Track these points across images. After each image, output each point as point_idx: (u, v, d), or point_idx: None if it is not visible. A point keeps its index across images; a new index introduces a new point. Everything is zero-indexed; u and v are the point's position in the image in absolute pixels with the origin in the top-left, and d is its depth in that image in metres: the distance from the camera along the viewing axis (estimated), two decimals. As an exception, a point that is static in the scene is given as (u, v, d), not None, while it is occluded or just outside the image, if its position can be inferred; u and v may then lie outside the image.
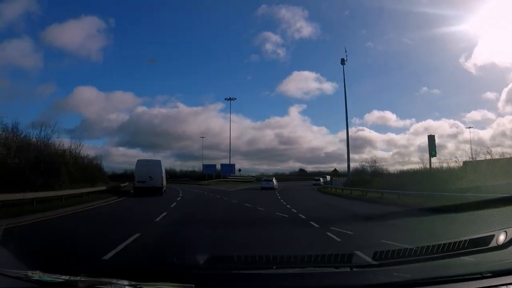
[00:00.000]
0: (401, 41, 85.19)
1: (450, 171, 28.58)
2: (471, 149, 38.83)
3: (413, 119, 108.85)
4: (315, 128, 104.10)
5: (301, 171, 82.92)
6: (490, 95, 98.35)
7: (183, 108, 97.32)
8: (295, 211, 16.38)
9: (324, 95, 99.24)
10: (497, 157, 27.66)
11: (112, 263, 5.18)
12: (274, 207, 18.71)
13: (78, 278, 2.47)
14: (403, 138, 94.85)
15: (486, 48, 79.79)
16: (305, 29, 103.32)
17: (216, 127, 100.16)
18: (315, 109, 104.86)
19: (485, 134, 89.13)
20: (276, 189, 42.60)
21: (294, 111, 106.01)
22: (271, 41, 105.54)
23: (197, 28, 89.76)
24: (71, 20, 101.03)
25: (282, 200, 23.62)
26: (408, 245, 4.22)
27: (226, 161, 74.82)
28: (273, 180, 47.46)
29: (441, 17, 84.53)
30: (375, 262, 3.58)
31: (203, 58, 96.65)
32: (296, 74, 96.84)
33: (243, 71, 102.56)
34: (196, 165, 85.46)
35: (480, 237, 4.42)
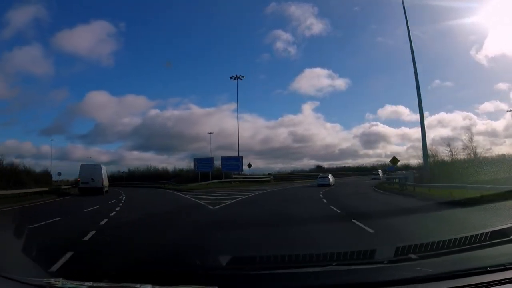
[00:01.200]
0: (412, 35, 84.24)
1: None
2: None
3: (427, 113, 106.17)
4: (328, 125, 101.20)
5: (318, 168, 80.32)
6: (502, 85, 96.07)
7: (196, 109, 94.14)
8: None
9: (337, 91, 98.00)
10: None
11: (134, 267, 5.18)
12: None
13: (101, 284, 2.49)
14: (417, 132, 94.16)
15: (497, 39, 78.47)
16: (315, 26, 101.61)
17: (229, 128, 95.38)
18: (328, 106, 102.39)
19: (499, 125, 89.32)
20: (333, 185, 39.60)
21: (307, 108, 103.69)
22: (282, 39, 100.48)
23: (208, 29, 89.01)
24: (81, 25, 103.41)
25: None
26: None
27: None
28: (329, 176, 43.03)
29: (451, 10, 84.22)
30: (396, 258, 3.55)
31: (215, 58, 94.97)
32: (308, 71, 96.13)
33: (255, 70, 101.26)
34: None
35: (501, 229, 4.38)
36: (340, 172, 74.89)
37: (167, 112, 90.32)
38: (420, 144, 30.61)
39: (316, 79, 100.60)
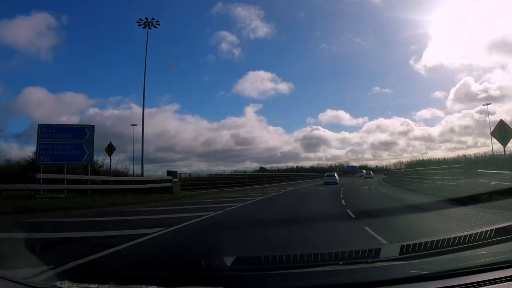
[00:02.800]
0: (355, 43, 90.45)
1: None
2: None
3: (366, 118, 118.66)
4: (271, 128, 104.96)
5: (262, 169, 78.39)
6: (439, 94, 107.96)
7: (137, 109, 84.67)
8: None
9: (280, 95, 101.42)
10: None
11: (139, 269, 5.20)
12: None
13: (107, 286, 2.50)
14: (356, 136, 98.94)
15: (435, 50, 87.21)
16: (261, 29, 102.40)
17: (172, 129, 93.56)
18: (271, 109, 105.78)
19: (435, 131, 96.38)
20: (338, 183, 40.03)
21: (250, 111, 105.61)
22: (227, 41, 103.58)
23: (152, 27, 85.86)
24: (21, 16, 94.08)
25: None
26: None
27: (179, 165, 60.21)
28: (335, 175, 44.01)
29: (393, 21, 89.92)
30: (402, 256, 3.55)
31: (158, 57, 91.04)
32: (252, 74, 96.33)
33: (199, 71, 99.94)
34: (151, 169, 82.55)
35: (506, 226, 4.38)
36: (287, 173, 71.14)
37: (106, 111, 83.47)
38: (360, 148, 34.19)
39: (259, 82, 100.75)
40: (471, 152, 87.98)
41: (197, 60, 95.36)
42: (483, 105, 54.96)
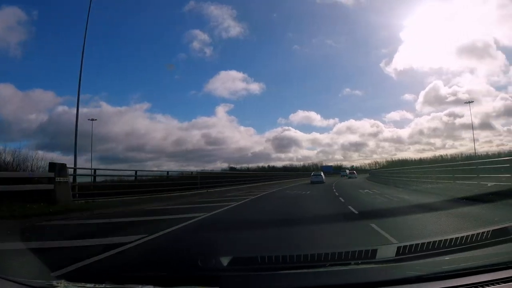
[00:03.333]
0: (327, 45, 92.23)
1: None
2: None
3: (337, 119, 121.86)
4: (242, 128, 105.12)
5: (232, 168, 76.45)
6: (408, 97, 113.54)
7: (107, 107, 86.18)
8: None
9: (251, 95, 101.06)
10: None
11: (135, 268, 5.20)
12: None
13: (104, 285, 2.50)
14: (327, 137, 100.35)
15: (406, 54, 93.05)
16: (233, 28, 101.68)
17: (142, 128, 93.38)
18: (243, 109, 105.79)
19: (404, 133, 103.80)
20: (325, 182, 41.35)
21: (221, 111, 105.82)
22: (199, 39, 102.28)
23: (123, 24, 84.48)
24: None
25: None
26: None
27: (149, 165, 51.68)
28: (322, 174, 46.17)
29: (365, 24, 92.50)
30: (399, 257, 3.55)
31: (129, 55, 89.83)
32: (223, 73, 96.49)
33: (170, 70, 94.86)
34: (120, 167, 71.59)
35: (502, 227, 4.39)
36: (259, 173, 63.62)
37: (75, 110, 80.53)
38: (330, 149, 34.95)
39: (231, 81, 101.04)
40: (439, 153, 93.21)
41: (169, 59, 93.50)
42: (465, 103, 55.13)
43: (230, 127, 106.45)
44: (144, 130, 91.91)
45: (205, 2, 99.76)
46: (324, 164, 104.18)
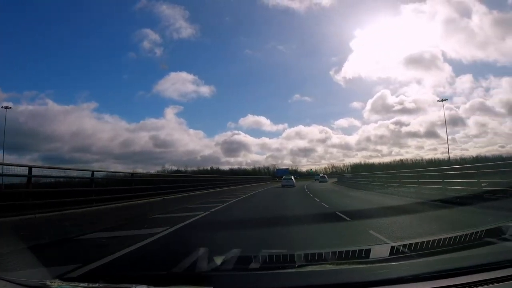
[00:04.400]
0: (278, 51, 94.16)
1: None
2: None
3: (286, 124, 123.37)
4: (191, 131, 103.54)
5: (178, 171, 71.76)
6: (356, 104, 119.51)
7: (53, 105, 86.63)
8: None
9: (201, 98, 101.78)
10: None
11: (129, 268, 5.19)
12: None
13: (97, 285, 2.50)
14: (276, 142, 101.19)
15: (355, 63, 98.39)
16: (185, 30, 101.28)
17: (89, 128, 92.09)
18: (192, 112, 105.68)
19: (352, 139, 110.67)
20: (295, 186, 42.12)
21: (170, 113, 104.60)
22: (150, 39, 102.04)
23: (72, 19, 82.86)
24: None
25: None
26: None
27: (95, 166, 47.57)
28: (292, 178, 47.60)
29: (316, 32, 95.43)
30: (393, 257, 3.56)
31: (77, 52, 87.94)
32: (173, 74, 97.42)
33: (119, 69, 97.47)
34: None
35: (497, 227, 4.41)
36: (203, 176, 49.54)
37: (20, 107, 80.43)
38: (279, 154, 36.13)
39: (181, 83, 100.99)
40: (385, 160, 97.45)
41: (118, 57, 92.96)
42: (438, 101, 54.86)
43: (179, 129, 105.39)
44: (91, 130, 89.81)
45: (157, 1, 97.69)
46: (278, 167, 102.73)
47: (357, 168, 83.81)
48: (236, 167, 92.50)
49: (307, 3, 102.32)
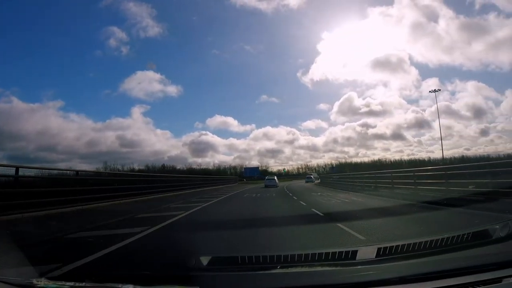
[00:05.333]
0: (245, 51, 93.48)
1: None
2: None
3: (254, 125, 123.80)
4: (159, 131, 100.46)
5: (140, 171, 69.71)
6: (323, 106, 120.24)
7: (18, 103, 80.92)
8: None
9: (168, 97, 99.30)
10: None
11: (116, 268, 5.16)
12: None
13: (84, 284, 2.48)
14: (244, 143, 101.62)
15: (322, 65, 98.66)
16: (152, 28, 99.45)
17: (54, 127, 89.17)
18: (159, 112, 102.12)
19: (319, 141, 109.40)
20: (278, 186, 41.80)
21: (136, 112, 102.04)
22: (116, 37, 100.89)
23: (37, 15, 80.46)
24: None
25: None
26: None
27: (62, 166, 48.34)
28: (275, 178, 47.39)
29: (284, 33, 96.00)
30: (378, 258, 3.57)
31: (43, 49, 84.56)
32: (140, 73, 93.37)
33: (85, 67, 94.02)
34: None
35: (483, 229, 4.43)
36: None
37: None
38: (247, 154, 34.94)
39: (147, 82, 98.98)
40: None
41: (84, 55, 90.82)
42: (430, 91, 54.72)
43: (146, 129, 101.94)
44: (57, 129, 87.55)
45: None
46: (247, 166, 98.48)
47: (342, 166, 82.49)
48: (203, 168, 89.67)
49: (275, 4, 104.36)
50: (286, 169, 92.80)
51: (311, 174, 69.26)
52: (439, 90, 56.18)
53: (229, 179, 62.83)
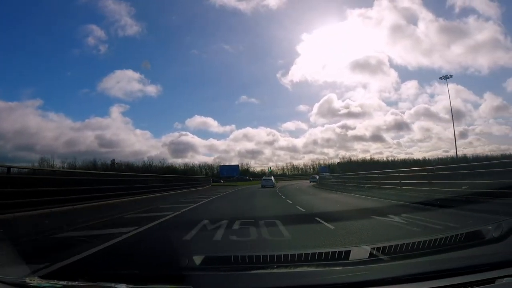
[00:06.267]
0: (225, 52, 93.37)
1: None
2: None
3: (234, 126, 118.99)
4: (138, 131, 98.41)
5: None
6: (303, 108, 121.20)
7: None
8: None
9: (147, 97, 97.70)
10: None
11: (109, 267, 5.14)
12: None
13: (76, 283, 2.47)
14: (224, 144, 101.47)
15: (302, 67, 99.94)
16: (131, 27, 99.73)
17: (33, 126, 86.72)
18: (138, 111, 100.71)
19: (299, 142, 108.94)
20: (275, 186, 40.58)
21: (115, 111, 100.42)
22: (95, 35, 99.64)
23: (15, 14, 78.85)
24: None
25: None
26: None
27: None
28: (272, 178, 46.69)
29: (263, 34, 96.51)
30: (371, 259, 3.58)
31: (22, 47, 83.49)
32: (119, 72, 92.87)
33: (64, 66, 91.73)
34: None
35: (476, 230, 4.44)
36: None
37: None
38: (227, 155, 34.02)
39: (126, 81, 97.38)
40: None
41: (63, 54, 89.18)
42: (440, 78, 51.82)
43: (125, 129, 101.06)
44: (36, 128, 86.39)
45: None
46: (223, 164, 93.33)
47: (343, 166, 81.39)
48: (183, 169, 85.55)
49: (254, 4, 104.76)
50: (271, 168, 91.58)
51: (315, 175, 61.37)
52: (451, 76, 54.42)
53: (198, 180, 47.50)
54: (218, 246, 6.15)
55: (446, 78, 51.51)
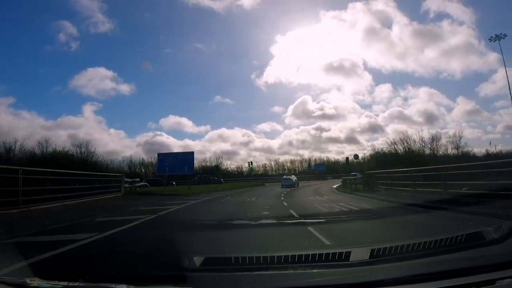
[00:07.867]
0: (199, 51, 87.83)
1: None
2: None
3: (209, 126, 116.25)
4: (112, 131, 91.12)
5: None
6: (277, 109, 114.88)
7: None
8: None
9: (121, 96, 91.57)
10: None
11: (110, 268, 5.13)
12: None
13: (77, 284, 2.47)
14: (199, 144, 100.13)
15: (276, 68, 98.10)
16: (103, 24, 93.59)
17: (5, 125, 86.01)
18: (112, 110, 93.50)
19: (274, 143, 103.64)
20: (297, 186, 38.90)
21: (88, 110, 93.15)
22: (66, 32, 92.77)
23: None
24: None
25: None
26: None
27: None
28: (292, 177, 44.30)
29: (237, 34, 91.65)
30: (372, 260, 3.57)
31: None
32: (91, 70, 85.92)
33: (35, 63, 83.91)
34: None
35: (477, 231, 4.43)
36: None
37: None
38: (202, 156, 33.98)
39: (99, 80, 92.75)
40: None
41: (34, 50, 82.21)
42: (489, 39, 44.90)
43: (99, 128, 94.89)
44: (7, 127, 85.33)
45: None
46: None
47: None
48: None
49: (228, 4, 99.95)
50: (252, 163, 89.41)
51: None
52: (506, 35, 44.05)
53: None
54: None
55: (497, 39, 39.81)
